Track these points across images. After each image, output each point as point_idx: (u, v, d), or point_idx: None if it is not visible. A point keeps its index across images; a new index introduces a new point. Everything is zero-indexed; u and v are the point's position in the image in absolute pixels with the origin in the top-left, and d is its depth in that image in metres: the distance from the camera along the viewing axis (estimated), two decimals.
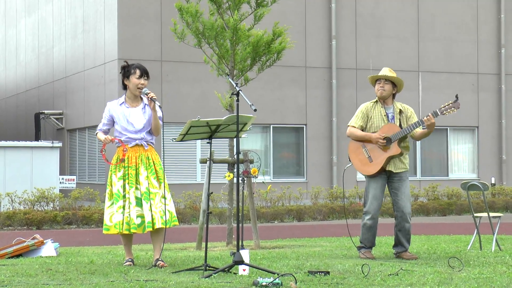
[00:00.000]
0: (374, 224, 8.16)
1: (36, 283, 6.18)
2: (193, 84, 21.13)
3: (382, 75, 8.32)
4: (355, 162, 8.22)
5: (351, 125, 8.28)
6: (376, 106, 8.29)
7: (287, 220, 18.56)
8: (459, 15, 24.76)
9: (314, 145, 23.00)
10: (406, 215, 8.13)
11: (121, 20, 21.13)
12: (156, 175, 7.37)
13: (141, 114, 7.50)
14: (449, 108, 8.30)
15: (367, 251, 8.22)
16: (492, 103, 25.13)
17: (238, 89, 6.99)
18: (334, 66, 23.12)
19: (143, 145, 7.44)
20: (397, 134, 8.14)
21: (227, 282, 6.16)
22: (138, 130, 7.44)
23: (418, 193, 21.13)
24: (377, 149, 8.15)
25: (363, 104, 8.39)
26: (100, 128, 7.63)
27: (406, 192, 8.17)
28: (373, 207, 8.14)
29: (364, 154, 8.18)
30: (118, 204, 7.33)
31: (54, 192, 18.49)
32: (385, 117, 8.24)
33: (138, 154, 7.41)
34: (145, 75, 7.50)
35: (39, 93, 27.61)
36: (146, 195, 7.30)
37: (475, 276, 6.51)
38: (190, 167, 21.63)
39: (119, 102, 7.57)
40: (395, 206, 8.19)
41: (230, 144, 10.75)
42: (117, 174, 7.42)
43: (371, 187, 8.18)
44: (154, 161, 7.42)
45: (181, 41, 10.99)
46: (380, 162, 8.11)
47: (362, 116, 8.24)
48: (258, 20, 10.97)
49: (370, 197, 8.15)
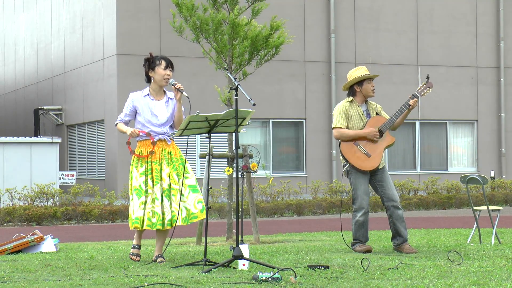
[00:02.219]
0: (366, 219, 8.20)
1: (36, 278, 6.18)
2: (192, 79, 21.12)
3: (374, 75, 8.31)
4: (354, 161, 8.19)
5: (338, 126, 8.22)
6: (353, 105, 8.28)
7: (286, 214, 18.57)
8: (457, 8, 24.74)
9: (313, 139, 23.00)
10: (396, 202, 8.20)
11: (120, 15, 21.10)
12: (176, 171, 7.30)
13: (164, 107, 7.40)
14: (425, 89, 8.42)
15: (363, 244, 8.22)
16: (491, 96, 25.12)
17: (237, 84, 6.98)
18: (333, 60, 23.10)
19: (166, 139, 7.37)
20: (387, 123, 8.23)
21: (227, 277, 6.16)
22: (162, 123, 7.35)
23: (417, 187, 21.14)
24: (371, 143, 8.20)
25: (340, 104, 8.34)
26: (121, 119, 7.48)
27: (390, 181, 8.29)
28: (365, 202, 8.16)
29: (360, 151, 8.18)
30: (140, 199, 7.22)
31: (53, 188, 18.50)
32: (362, 115, 8.25)
33: (161, 149, 7.33)
34: (170, 66, 7.46)
35: (38, 89, 27.59)
36: (168, 192, 7.23)
37: (475, 270, 6.52)
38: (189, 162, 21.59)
39: (143, 93, 7.44)
40: (384, 198, 8.22)
41: (229, 139, 10.75)
42: (139, 169, 7.29)
43: (359, 183, 8.18)
44: (175, 157, 7.35)
45: (179, 34, 10.98)
46: (379, 154, 8.18)
47: (345, 116, 8.23)
48: (255, 14, 10.96)
49: (361, 193, 8.15)
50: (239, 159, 10.09)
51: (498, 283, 5.74)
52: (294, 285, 5.78)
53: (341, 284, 5.80)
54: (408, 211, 19.50)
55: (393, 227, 8.23)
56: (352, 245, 8.31)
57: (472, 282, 5.80)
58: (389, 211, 8.22)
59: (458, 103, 24.48)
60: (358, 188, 8.18)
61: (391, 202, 8.19)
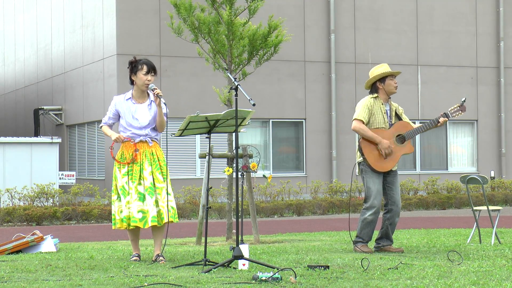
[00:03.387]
0: (376, 218, 8.20)
1: (36, 278, 6.18)
2: (191, 79, 21.11)
3: (396, 72, 8.39)
4: (369, 157, 8.21)
5: (359, 119, 8.22)
6: (377, 102, 8.30)
7: (286, 214, 18.57)
8: (457, 8, 24.73)
9: (313, 140, 23.00)
10: (399, 209, 8.31)
11: (120, 14, 21.10)
12: (161, 170, 7.40)
13: (146, 110, 7.49)
14: (457, 111, 8.59)
15: (364, 245, 8.23)
16: (491, 96, 25.12)
17: (237, 84, 6.98)
18: (333, 60, 23.09)
19: (147, 141, 7.45)
20: (412, 132, 8.38)
21: (226, 277, 6.16)
22: (143, 126, 7.43)
23: (417, 187, 21.14)
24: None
25: (365, 99, 8.35)
26: (106, 122, 7.62)
27: (398, 186, 8.41)
28: (378, 201, 8.18)
29: (378, 151, 8.22)
30: (126, 199, 7.35)
31: (53, 188, 18.49)
32: (385, 114, 8.27)
33: (142, 150, 7.41)
34: (152, 71, 7.48)
35: (38, 89, 27.59)
36: (151, 190, 7.31)
37: (475, 270, 6.52)
38: (190, 162, 21.63)
39: (126, 97, 7.55)
40: (390, 200, 8.28)
41: (229, 139, 10.75)
42: (121, 170, 7.42)
43: (373, 182, 8.20)
44: (158, 157, 7.44)
45: (178, 35, 10.98)
46: (395, 159, 8.28)
47: (368, 111, 8.24)
48: (252, 13, 10.95)
49: (374, 192, 8.17)
50: (239, 159, 10.09)
51: (498, 283, 5.74)
52: (294, 285, 5.78)
53: (341, 284, 5.80)
54: (408, 211, 19.50)
55: (385, 230, 8.27)
56: (354, 243, 8.32)
57: (472, 282, 5.80)
58: (389, 214, 8.25)
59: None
60: (371, 187, 8.20)
61: (395, 207, 8.28)
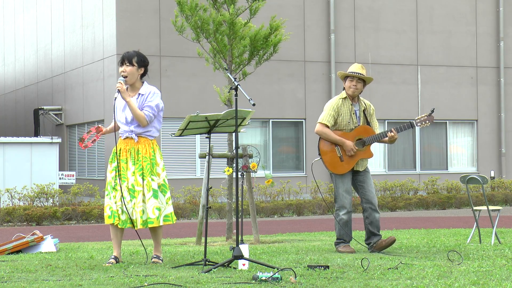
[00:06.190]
0: (350, 218, 8.21)
1: (35, 278, 6.17)
2: (191, 79, 21.11)
3: (355, 74, 8.24)
4: (326, 159, 8.20)
5: (323, 122, 8.20)
6: (345, 102, 8.26)
7: (286, 214, 18.57)
8: (457, 8, 24.73)
9: (313, 139, 22.96)
10: (375, 205, 8.24)
11: (120, 14, 21.10)
12: (141, 171, 7.17)
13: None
14: (424, 121, 8.41)
15: (346, 246, 8.23)
16: (491, 96, 25.12)
17: (237, 84, 6.98)
18: (333, 60, 23.09)
19: (132, 137, 7.24)
20: (372, 138, 8.25)
21: (226, 277, 6.16)
22: (128, 122, 7.25)
23: (417, 187, 21.13)
24: None
25: (332, 100, 8.33)
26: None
27: (371, 183, 8.31)
28: (347, 201, 8.18)
29: (336, 152, 8.19)
30: (112, 194, 7.24)
31: (53, 188, 18.49)
32: (353, 114, 8.25)
33: (128, 147, 7.26)
34: (126, 61, 7.20)
35: (38, 89, 27.59)
36: (131, 191, 7.18)
37: (475, 270, 6.52)
38: (190, 162, 21.63)
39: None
40: (364, 199, 8.26)
41: (229, 139, 10.75)
42: (112, 164, 7.32)
43: (340, 182, 8.20)
44: (143, 156, 7.21)
45: (180, 33, 10.98)
46: (352, 163, 8.20)
47: (334, 114, 8.21)
48: (253, 14, 10.96)
49: (342, 192, 8.18)
50: (239, 159, 10.09)
51: (498, 283, 5.74)
52: (294, 285, 5.78)
53: (341, 284, 5.80)
54: (408, 211, 19.50)
55: (368, 228, 8.26)
56: (335, 244, 8.32)
57: (472, 282, 5.80)
58: (366, 213, 8.26)
59: (458, 103, 24.47)
60: (339, 187, 8.19)
61: (369, 205, 8.25)
